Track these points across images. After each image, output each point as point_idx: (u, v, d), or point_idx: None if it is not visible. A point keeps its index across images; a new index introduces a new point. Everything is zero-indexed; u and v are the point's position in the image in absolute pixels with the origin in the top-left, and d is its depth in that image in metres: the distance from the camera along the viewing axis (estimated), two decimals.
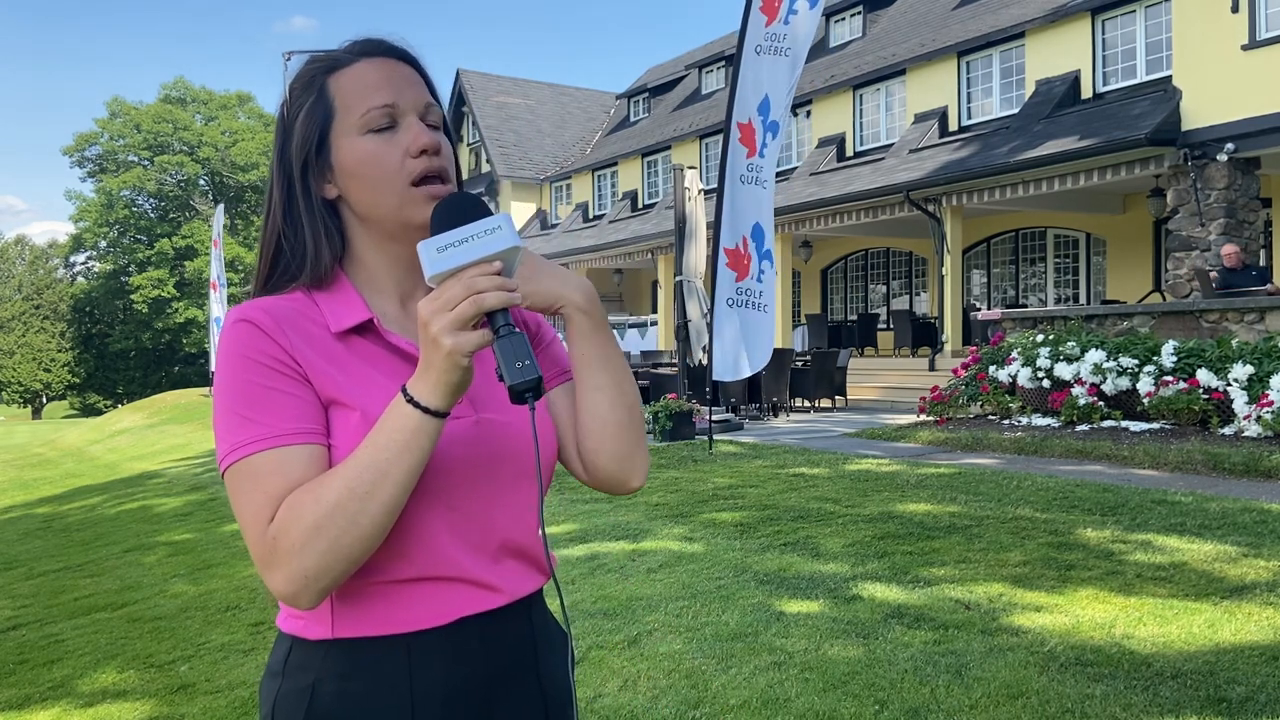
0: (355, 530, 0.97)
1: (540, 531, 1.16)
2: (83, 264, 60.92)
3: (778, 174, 16.50)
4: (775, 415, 13.90)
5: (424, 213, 1.08)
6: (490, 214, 1.01)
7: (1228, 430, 8.41)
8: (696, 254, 11.62)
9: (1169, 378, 9.03)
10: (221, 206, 30.89)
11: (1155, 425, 8.95)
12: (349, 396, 1.06)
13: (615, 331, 23.74)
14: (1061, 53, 15.90)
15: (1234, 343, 9.06)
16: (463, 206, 1.03)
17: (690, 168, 12.20)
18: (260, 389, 1.03)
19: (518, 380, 0.96)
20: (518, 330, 0.98)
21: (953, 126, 17.70)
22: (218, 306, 28.70)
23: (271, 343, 1.05)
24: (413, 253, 1.12)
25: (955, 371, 11.70)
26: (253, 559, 1.01)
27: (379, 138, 1.09)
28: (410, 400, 0.98)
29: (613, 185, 27.96)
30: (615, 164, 27.60)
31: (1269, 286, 10.79)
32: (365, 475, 0.97)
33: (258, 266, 1.17)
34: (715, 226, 9.80)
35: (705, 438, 10.21)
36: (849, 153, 19.93)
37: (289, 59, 1.15)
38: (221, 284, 28.86)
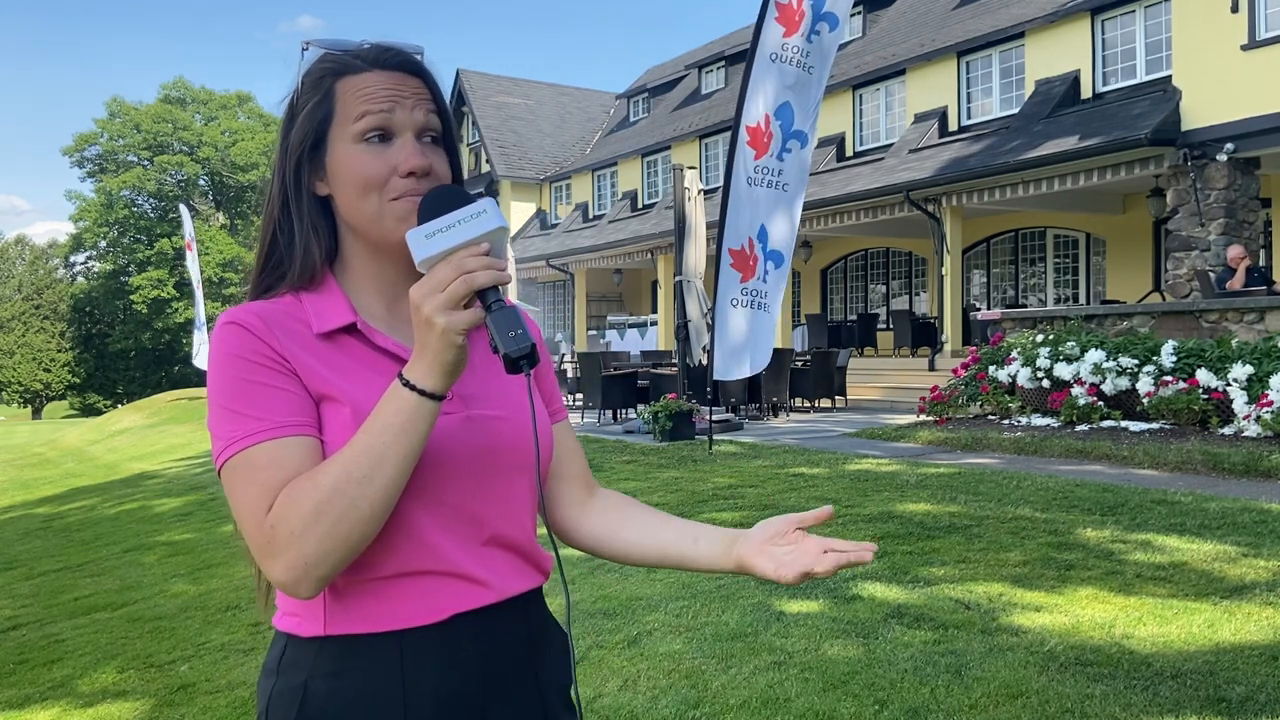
0: (354, 514, 0.98)
1: (540, 519, 1.18)
2: (83, 264, 60.96)
3: None
4: (775, 415, 13.90)
5: (400, 230, 1.08)
6: (473, 201, 1.03)
7: (1227, 430, 8.41)
8: (696, 254, 11.62)
9: (1169, 378, 9.03)
10: (186, 210, 30.90)
11: (1155, 425, 8.95)
12: (339, 392, 1.07)
13: (615, 331, 23.55)
14: (1061, 53, 15.90)
15: (1234, 343, 9.06)
16: (447, 197, 1.05)
17: (690, 168, 12.19)
18: (252, 385, 1.04)
19: (512, 348, 0.97)
20: (509, 304, 0.99)
21: (952, 126, 17.70)
22: (198, 308, 28.87)
23: (260, 342, 1.06)
24: (396, 264, 1.14)
25: (955, 371, 11.70)
26: (251, 550, 1.02)
27: (370, 149, 1.10)
28: (406, 384, 0.99)
29: (612, 185, 27.95)
30: (615, 164, 27.59)
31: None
32: (363, 459, 0.98)
33: (256, 257, 1.19)
34: (719, 226, 9.80)
35: (705, 438, 10.20)
36: (849, 153, 19.93)
37: (307, 48, 1.16)
38: (198, 285, 28.96)
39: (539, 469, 1.12)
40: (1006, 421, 10.26)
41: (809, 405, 14.90)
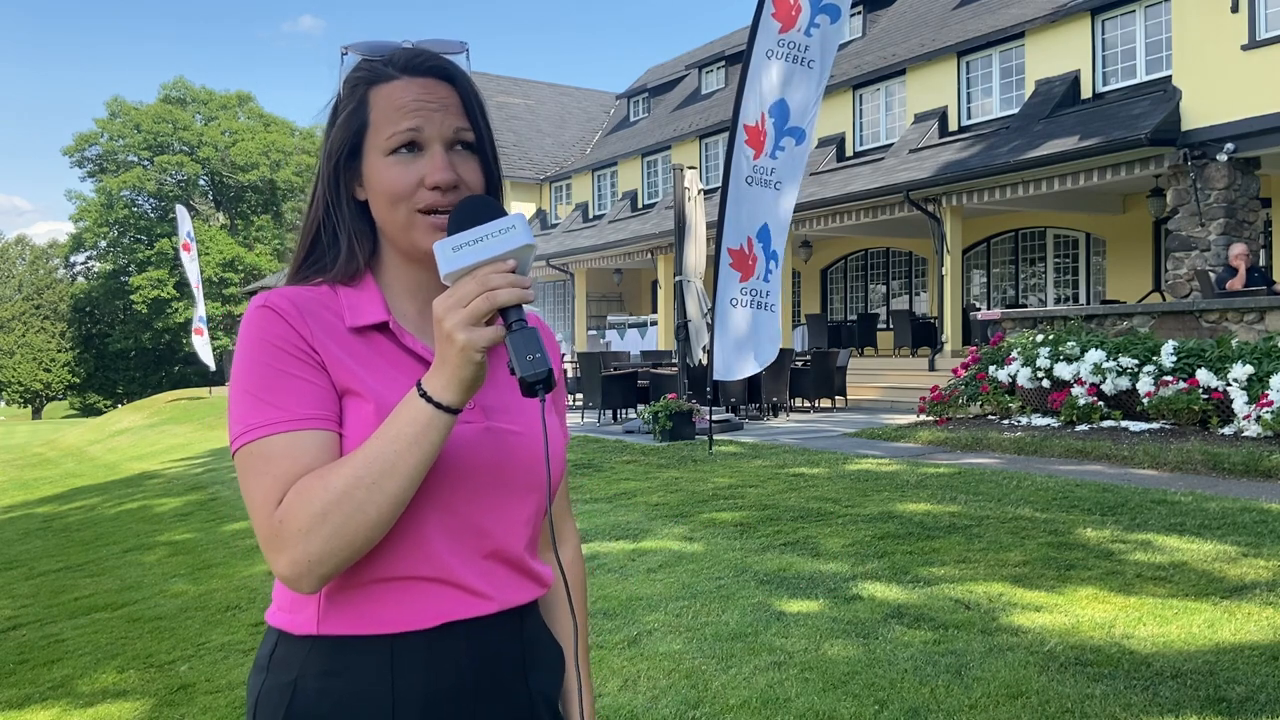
0: (360, 518, 0.99)
1: (550, 533, 1.16)
2: (83, 264, 60.96)
3: None
4: (775, 415, 13.90)
5: (428, 240, 1.09)
6: (505, 214, 1.03)
7: (1227, 430, 8.41)
8: (696, 254, 11.62)
9: (1169, 378, 9.03)
10: (184, 210, 31.02)
11: (1155, 425, 8.95)
12: (364, 388, 1.07)
13: (615, 331, 23.54)
14: (1061, 53, 15.90)
15: (1234, 343, 9.06)
16: (478, 208, 1.05)
17: (690, 168, 12.19)
18: (278, 373, 1.05)
19: (529, 372, 0.96)
20: (530, 325, 0.99)
21: (952, 126, 17.70)
22: (197, 308, 29.05)
23: (291, 330, 1.07)
24: (429, 270, 1.14)
25: (955, 371, 11.70)
26: (258, 540, 1.03)
27: (400, 161, 1.11)
28: (423, 395, 1.00)
29: (612, 185, 27.95)
30: (615, 164, 27.60)
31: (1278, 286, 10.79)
32: (374, 465, 0.99)
33: (295, 252, 1.20)
34: (718, 226, 9.79)
35: (705, 438, 10.20)
36: (849, 153, 19.93)
37: (346, 54, 1.17)
38: (198, 285, 29.02)
39: (549, 491, 1.12)
40: (1006, 421, 10.26)
41: (809, 405, 14.90)
